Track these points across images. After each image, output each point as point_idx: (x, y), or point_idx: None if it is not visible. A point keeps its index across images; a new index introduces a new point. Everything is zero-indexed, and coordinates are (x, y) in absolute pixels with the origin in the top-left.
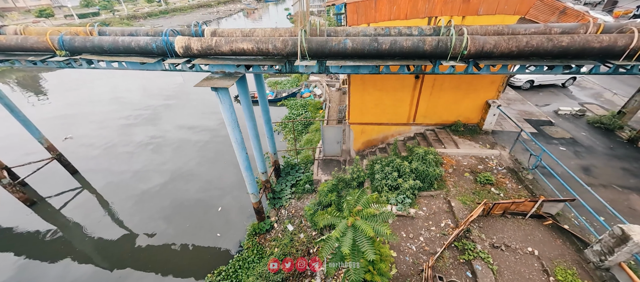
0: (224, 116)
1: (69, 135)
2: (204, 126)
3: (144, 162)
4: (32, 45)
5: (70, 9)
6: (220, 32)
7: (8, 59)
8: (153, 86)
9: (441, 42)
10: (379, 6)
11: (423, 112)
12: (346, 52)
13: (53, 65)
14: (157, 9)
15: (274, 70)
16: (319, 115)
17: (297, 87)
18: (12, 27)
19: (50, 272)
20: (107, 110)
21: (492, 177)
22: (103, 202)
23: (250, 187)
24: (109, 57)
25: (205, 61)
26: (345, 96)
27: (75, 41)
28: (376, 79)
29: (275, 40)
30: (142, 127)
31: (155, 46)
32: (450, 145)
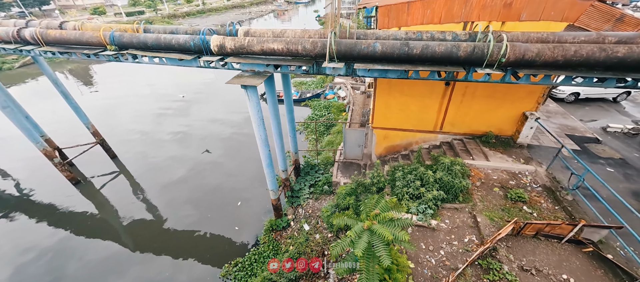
0: (251, 113)
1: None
2: (229, 121)
3: (173, 151)
4: (88, 39)
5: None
6: (253, 32)
7: (67, 51)
8: (184, 81)
9: (477, 48)
10: (411, 10)
11: (451, 120)
12: (375, 56)
13: (103, 59)
14: (195, 8)
15: (302, 71)
16: (341, 118)
17: (322, 89)
18: (72, 23)
19: (86, 247)
20: (144, 101)
21: (525, 194)
22: (135, 185)
23: (270, 184)
24: (151, 53)
25: (237, 60)
26: (370, 100)
27: (124, 37)
28: (403, 83)
29: (304, 42)
30: (172, 118)
31: (193, 44)
32: (480, 157)
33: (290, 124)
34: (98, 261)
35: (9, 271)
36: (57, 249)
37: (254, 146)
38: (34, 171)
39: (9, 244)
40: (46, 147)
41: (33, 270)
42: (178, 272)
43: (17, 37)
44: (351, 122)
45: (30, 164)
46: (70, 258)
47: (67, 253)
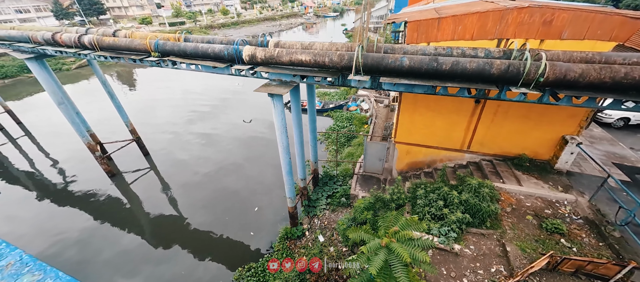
0: (275, 120)
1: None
2: (252, 127)
3: (198, 152)
4: (136, 46)
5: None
6: (283, 44)
7: (118, 56)
8: (214, 87)
9: (512, 66)
10: (442, 26)
11: (480, 139)
12: (402, 70)
13: (146, 64)
14: (229, 20)
15: (327, 82)
16: (363, 130)
17: (345, 100)
18: (123, 31)
19: (113, 236)
20: (177, 104)
21: (563, 226)
22: (162, 183)
23: (288, 191)
24: (189, 60)
25: (266, 69)
26: (393, 113)
27: (166, 45)
28: (429, 99)
29: (331, 54)
30: (201, 122)
31: (227, 53)
32: (511, 180)
33: (312, 133)
34: (121, 251)
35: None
36: (88, 234)
37: (274, 152)
38: (78, 161)
39: (50, 224)
40: (90, 141)
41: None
42: (193, 271)
43: (78, 43)
44: (373, 135)
45: (76, 155)
46: (98, 244)
47: (96, 239)
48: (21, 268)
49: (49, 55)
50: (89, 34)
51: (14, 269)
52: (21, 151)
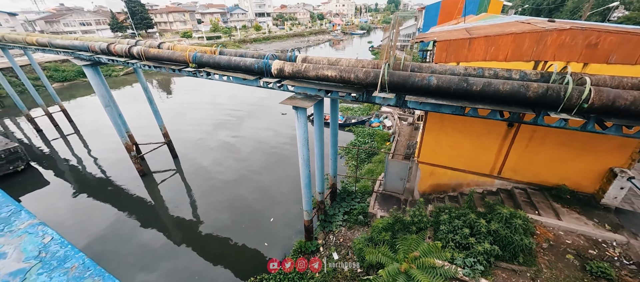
0: (298, 132)
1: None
2: (274, 137)
3: (220, 159)
4: (176, 57)
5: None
6: (310, 59)
7: (160, 65)
8: (239, 97)
9: (552, 90)
10: (473, 46)
11: (513, 165)
12: (430, 89)
13: (184, 73)
14: (261, 35)
15: (351, 98)
16: (385, 147)
17: (368, 116)
18: (167, 43)
19: (135, 232)
20: (205, 111)
21: (611, 270)
22: (186, 186)
23: (305, 204)
24: (221, 71)
25: (293, 83)
26: (417, 132)
27: (203, 57)
28: (457, 119)
29: (357, 71)
30: (225, 129)
31: (257, 66)
32: (548, 213)
33: (333, 147)
34: (141, 245)
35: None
36: (114, 227)
37: (293, 164)
38: (115, 159)
39: (84, 216)
40: (128, 141)
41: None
42: (206, 273)
43: (127, 53)
44: (395, 153)
45: (114, 154)
46: (121, 237)
47: (121, 232)
48: (84, 272)
49: (103, 63)
50: (137, 45)
51: (77, 273)
52: (69, 146)
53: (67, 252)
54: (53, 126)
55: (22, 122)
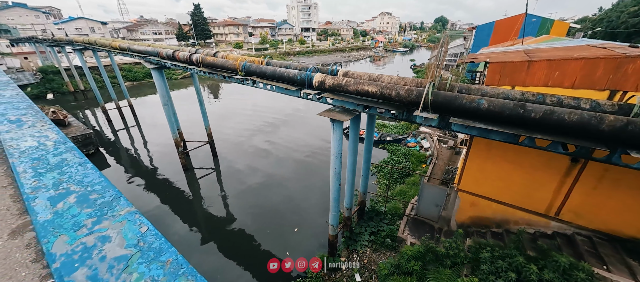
0: (332, 145)
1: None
2: (306, 147)
3: (254, 163)
4: (229, 65)
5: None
6: (351, 74)
7: (213, 72)
8: (277, 106)
9: (633, 125)
10: (533, 70)
11: (575, 208)
12: (479, 113)
13: (232, 81)
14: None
15: (390, 115)
16: (420, 169)
17: (404, 135)
18: (221, 53)
19: (170, 220)
20: (246, 116)
21: None
22: (221, 185)
23: (332, 219)
24: (266, 80)
25: (332, 96)
26: (458, 157)
27: (251, 67)
28: (508, 148)
29: (399, 88)
30: (261, 134)
31: (299, 78)
32: (620, 270)
33: (366, 163)
34: (172, 234)
35: None
36: (153, 213)
37: (322, 176)
38: (164, 152)
39: (134, 200)
40: (177, 138)
41: None
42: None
43: (188, 59)
44: (431, 177)
45: (163, 148)
46: (162, 225)
47: (157, 219)
48: (178, 268)
49: (167, 67)
50: (196, 53)
51: (172, 268)
52: (130, 136)
53: (161, 245)
54: (120, 118)
55: (98, 112)
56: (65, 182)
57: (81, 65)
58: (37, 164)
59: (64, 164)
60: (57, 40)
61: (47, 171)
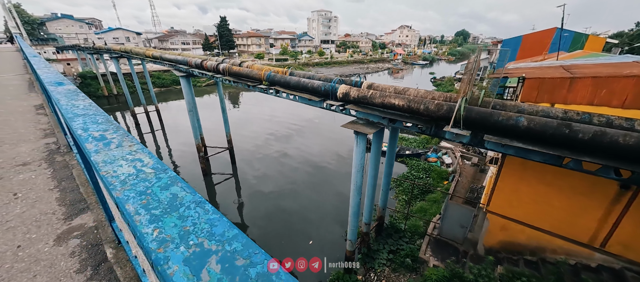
0: (354, 158)
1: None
2: (319, 157)
3: (268, 171)
4: (253, 75)
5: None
6: (376, 86)
7: (238, 81)
8: (294, 115)
9: None
10: (576, 87)
11: (625, 239)
12: (517, 131)
13: (256, 90)
14: (323, 60)
15: (416, 129)
16: (442, 186)
17: (424, 149)
18: (246, 63)
19: None
20: (263, 123)
21: None
22: (237, 190)
23: (350, 233)
24: (289, 90)
25: (356, 108)
26: (484, 175)
27: (276, 77)
28: (546, 169)
29: (428, 102)
30: (278, 142)
31: (323, 89)
32: None
33: (386, 177)
34: None
35: None
36: None
37: (336, 186)
38: (185, 157)
39: None
40: (199, 143)
41: None
42: None
43: (215, 68)
44: (454, 195)
45: (185, 152)
46: None
47: None
48: None
49: (194, 75)
50: (223, 63)
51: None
52: (155, 140)
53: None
54: (148, 122)
55: (127, 115)
56: (193, 233)
57: (116, 71)
58: (147, 202)
59: (177, 202)
60: (97, 49)
61: (162, 213)
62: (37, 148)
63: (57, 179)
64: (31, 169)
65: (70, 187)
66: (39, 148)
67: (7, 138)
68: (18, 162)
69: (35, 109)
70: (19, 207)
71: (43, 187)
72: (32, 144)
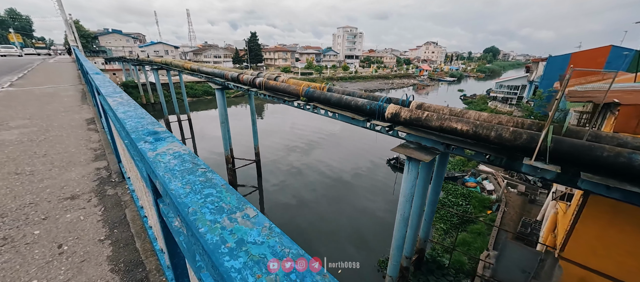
0: (403, 186)
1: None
2: (338, 172)
3: (288, 181)
4: (291, 90)
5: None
6: (427, 107)
7: (274, 95)
8: (314, 127)
9: None
10: None
11: None
12: (630, 171)
13: (292, 105)
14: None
15: (482, 159)
16: (485, 217)
17: (461, 172)
18: (282, 77)
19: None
20: (284, 135)
21: None
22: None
23: (391, 269)
24: (328, 107)
25: (407, 130)
26: (534, 206)
27: (314, 93)
28: None
29: (501, 129)
30: (297, 154)
31: (369, 108)
32: None
33: (431, 206)
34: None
35: None
36: None
37: (353, 198)
38: (215, 166)
39: None
40: (228, 154)
41: None
42: None
43: (251, 82)
44: (500, 227)
45: (215, 162)
46: None
47: None
48: None
49: (229, 88)
50: (259, 77)
51: None
52: None
53: None
54: (179, 130)
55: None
56: None
57: (154, 81)
58: None
59: None
60: (140, 60)
61: None
62: (88, 174)
63: (109, 225)
64: (80, 206)
65: (124, 239)
66: (89, 174)
67: (57, 159)
68: (66, 194)
69: (87, 124)
70: (63, 270)
71: (92, 235)
72: (82, 168)
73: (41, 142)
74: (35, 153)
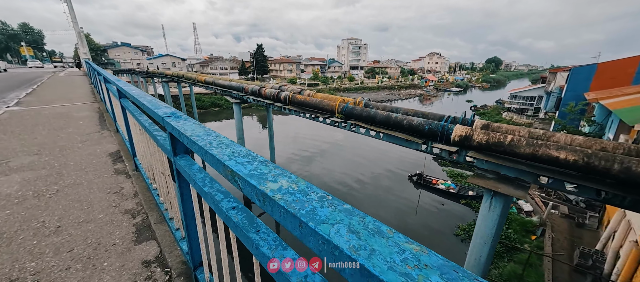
0: (482, 226)
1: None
2: (340, 182)
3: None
4: (323, 106)
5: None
6: (497, 127)
7: (302, 111)
8: (317, 136)
9: None
10: None
11: None
12: None
13: (325, 122)
14: (353, 86)
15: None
16: (530, 243)
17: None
18: (307, 91)
19: None
20: (288, 144)
21: None
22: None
23: None
24: (371, 126)
25: (482, 157)
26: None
27: (354, 110)
28: None
29: (629, 161)
30: (298, 163)
31: (427, 128)
32: None
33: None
34: None
35: None
36: None
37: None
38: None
39: None
40: None
41: None
42: None
43: (276, 96)
44: (555, 257)
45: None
46: None
47: None
48: None
49: (247, 102)
50: (284, 91)
51: None
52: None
53: None
54: None
55: None
56: None
57: (164, 94)
58: None
59: None
60: (150, 73)
61: None
62: (129, 269)
63: None
64: None
65: None
66: (134, 268)
67: (78, 238)
68: None
69: (112, 162)
70: None
71: None
72: (117, 259)
73: (52, 199)
74: (43, 224)
